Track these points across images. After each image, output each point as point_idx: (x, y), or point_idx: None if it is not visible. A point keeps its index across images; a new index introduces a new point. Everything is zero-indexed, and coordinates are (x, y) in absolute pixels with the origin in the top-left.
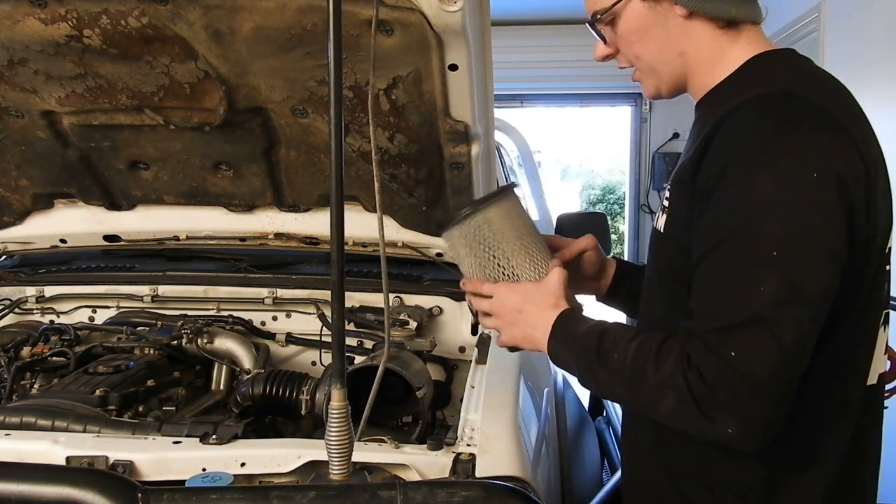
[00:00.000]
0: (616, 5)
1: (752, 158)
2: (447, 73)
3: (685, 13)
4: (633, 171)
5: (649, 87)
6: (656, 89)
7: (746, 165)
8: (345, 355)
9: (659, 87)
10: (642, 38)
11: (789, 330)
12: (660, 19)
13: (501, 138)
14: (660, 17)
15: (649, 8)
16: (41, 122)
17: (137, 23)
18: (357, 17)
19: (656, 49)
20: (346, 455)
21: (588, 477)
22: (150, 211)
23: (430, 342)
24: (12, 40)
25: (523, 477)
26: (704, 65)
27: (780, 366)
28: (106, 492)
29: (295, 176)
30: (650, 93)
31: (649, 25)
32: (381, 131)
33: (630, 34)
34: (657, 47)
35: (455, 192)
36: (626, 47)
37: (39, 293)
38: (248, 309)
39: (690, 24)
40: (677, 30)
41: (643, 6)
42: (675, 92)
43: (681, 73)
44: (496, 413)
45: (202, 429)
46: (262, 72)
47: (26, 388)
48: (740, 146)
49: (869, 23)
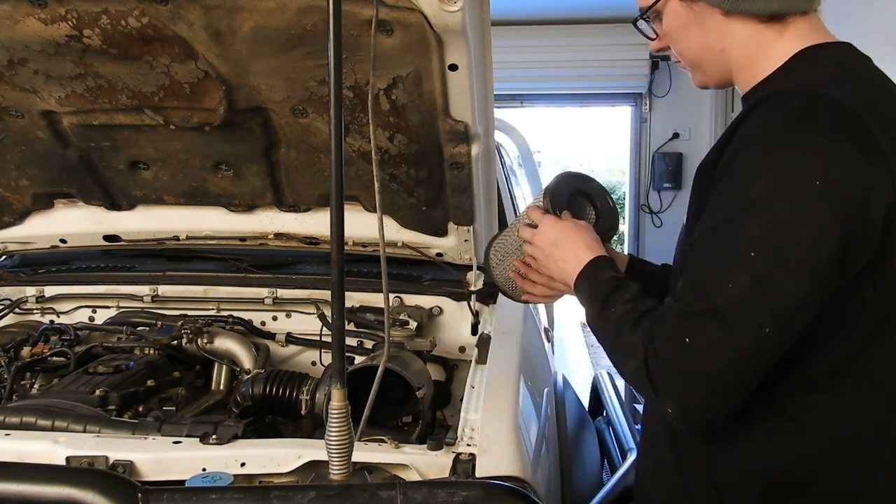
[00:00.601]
0: (656, 4)
1: (759, 155)
2: (447, 73)
3: (722, 12)
4: (633, 171)
5: (696, 79)
6: (703, 83)
7: (752, 161)
8: (345, 355)
9: (705, 81)
10: (683, 36)
11: (747, 332)
12: (698, 18)
13: (501, 138)
14: (698, 17)
15: (686, 7)
16: (41, 122)
17: (137, 23)
18: (357, 17)
19: (696, 47)
20: (346, 455)
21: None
22: (150, 211)
23: (430, 342)
24: (12, 40)
25: (523, 477)
26: (748, 61)
27: (730, 365)
28: (106, 492)
29: (295, 176)
30: (698, 84)
31: (688, 24)
32: (381, 131)
33: (672, 32)
34: (697, 45)
35: (455, 192)
36: (671, 43)
37: (39, 293)
38: (248, 309)
39: (730, 21)
40: (716, 28)
41: (681, 6)
42: (722, 85)
43: (725, 68)
44: (496, 413)
45: (202, 429)
46: (262, 72)
47: (26, 388)
48: (752, 139)
49: (869, 23)
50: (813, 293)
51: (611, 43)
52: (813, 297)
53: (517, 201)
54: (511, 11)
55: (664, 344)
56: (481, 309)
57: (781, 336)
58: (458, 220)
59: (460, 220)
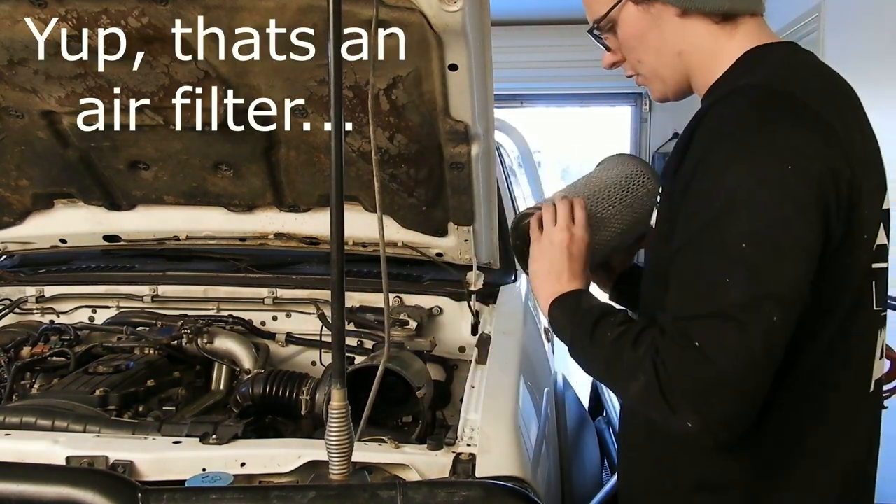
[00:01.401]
0: (611, 11)
1: (726, 151)
2: (447, 73)
3: (678, 11)
4: None
5: (656, 91)
6: (662, 93)
7: (720, 158)
8: (345, 355)
9: (665, 90)
10: (641, 43)
11: (757, 326)
12: (655, 21)
13: (501, 138)
14: (655, 19)
15: (643, 11)
16: (41, 122)
17: (137, 23)
18: (357, 17)
19: (655, 52)
20: (346, 455)
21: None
22: (150, 211)
23: (430, 342)
24: (12, 40)
25: (523, 477)
26: (703, 62)
27: (747, 363)
28: (106, 492)
29: (295, 176)
30: (657, 97)
31: (645, 29)
32: (381, 131)
33: (629, 39)
34: (655, 50)
35: (455, 192)
36: (628, 53)
37: (39, 293)
38: (248, 309)
39: (685, 22)
40: (673, 30)
41: (637, 10)
42: (681, 94)
43: (683, 73)
44: (496, 413)
45: (202, 429)
46: (262, 72)
47: (26, 388)
48: (716, 139)
49: (869, 23)
50: (808, 274)
51: None
52: (808, 276)
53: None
54: (511, 11)
55: (673, 355)
56: (481, 309)
57: (788, 323)
58: (458, 220)
59: (460, 220)
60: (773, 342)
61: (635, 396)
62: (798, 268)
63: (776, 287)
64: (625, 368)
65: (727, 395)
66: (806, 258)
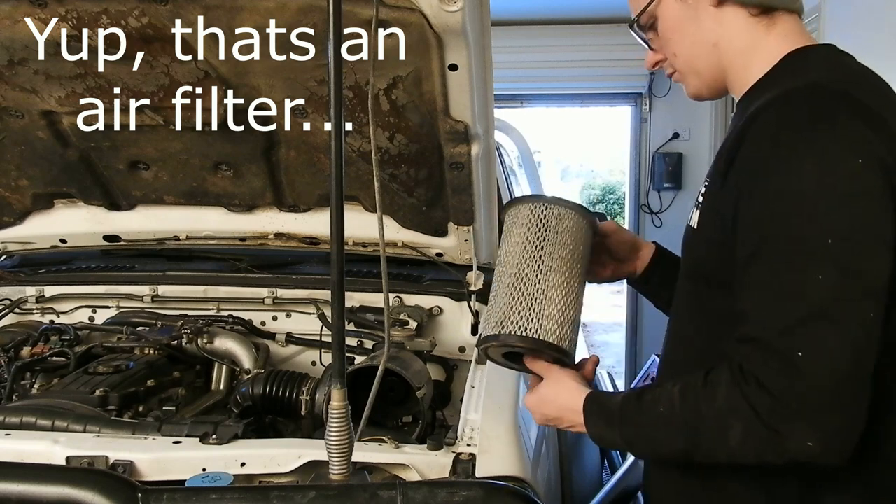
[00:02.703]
0: (650, 5)
1: (792, 149)
2: (447, 73)
3: (714, 1)
4: (633, 171)
5: (691, 86)
6: (697, 88)
7: (787, 156)
8: (345, 355)
9: (699, 85)
10: (678, 35)
11: (856, 321)
12: (692, 12)
13: (501, 138)
14: (691, 10)
15: (681, 2)
16: (41, 122)
17: (137, 23)
18: (357, 17)
19: (690, 43)
20: (346, 455)
21: (588, 477)
22: (150, 211)
23: (430, 342)
24: (12, 40)
25: (523, 477)
26: (740, 56)
27: (852, 363)
28: (106, 492)
29: (295, 176)
30: (692, 92)
31: (683, 21)
32: (381, 131)
33: (668, 33)
34: (691, 41)
35: (455, 192)
36: (665, 47)
37: (39, 293)
38: (248, 309)
39: (721, 12)
40: (709, 20)
41: (675, 2)
42: (716, 91)
43: (718, 67)
44: (496, 413)
45: (202, 429)
46: (262, 72)
47: (26, 388)
48: (775, 141)
49: (869, 23)
50: (890, 262)
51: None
52: (890, 266)
53: None
54: (511, 11)
55: (771, 374)
56: (481, 309)
57: (879, 316)
58: (458, 220)
59: (460, 220)
60: (872, 338)
61: (738, 447)
62: (883, 259)
63: (869, 280)
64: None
65: (843, 404)
66: (888, 248)
